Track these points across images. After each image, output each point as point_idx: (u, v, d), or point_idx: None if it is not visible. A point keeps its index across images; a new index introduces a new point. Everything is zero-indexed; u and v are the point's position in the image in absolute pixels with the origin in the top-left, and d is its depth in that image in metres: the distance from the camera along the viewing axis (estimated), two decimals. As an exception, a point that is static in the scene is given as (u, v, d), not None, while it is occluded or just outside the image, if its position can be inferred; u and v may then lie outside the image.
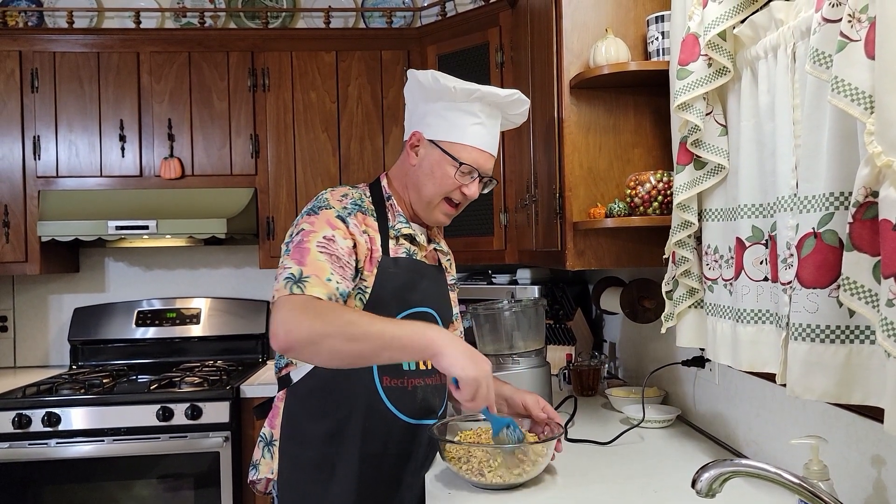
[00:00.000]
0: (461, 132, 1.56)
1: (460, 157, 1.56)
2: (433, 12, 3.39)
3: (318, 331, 1.31)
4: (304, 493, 1.54)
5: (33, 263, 3.03)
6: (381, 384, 1.56)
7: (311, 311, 1.34)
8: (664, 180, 1.72)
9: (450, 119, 1.57)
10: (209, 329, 3.31)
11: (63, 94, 3.05)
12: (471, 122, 1.57)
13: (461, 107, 1.56)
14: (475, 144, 1.57)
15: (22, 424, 2.57)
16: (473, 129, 1.57)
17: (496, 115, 1.62)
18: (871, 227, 0.92)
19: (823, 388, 1.07)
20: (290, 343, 1.32)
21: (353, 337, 1.31)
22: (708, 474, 1.02)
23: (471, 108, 1.57)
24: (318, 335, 1.31)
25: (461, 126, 1.56)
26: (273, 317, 1.36)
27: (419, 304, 1.61)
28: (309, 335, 1.31)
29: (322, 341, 1.32)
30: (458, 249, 2.86)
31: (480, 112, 1.57)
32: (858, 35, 0.93)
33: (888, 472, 1.16)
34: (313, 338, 1.31)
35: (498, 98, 1.58)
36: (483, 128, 1.58)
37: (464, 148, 1.56)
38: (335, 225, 1.49)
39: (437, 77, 1.55)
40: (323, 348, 1.33)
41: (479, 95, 1.56)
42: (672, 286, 1.63)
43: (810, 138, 1.09)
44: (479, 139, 1.57)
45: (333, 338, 1.31)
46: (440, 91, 1.56)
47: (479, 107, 1.57)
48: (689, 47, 1.44)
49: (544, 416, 1.59)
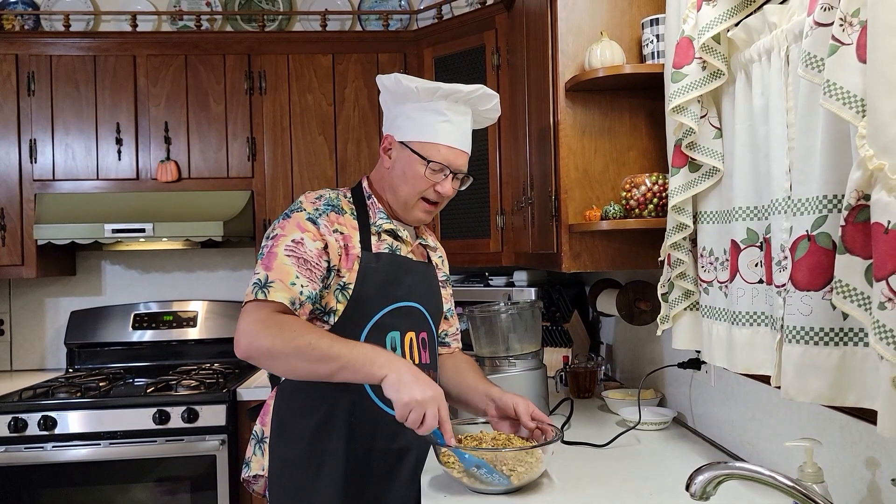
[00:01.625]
0: (429, 131, 1.59)
1: (429, 155, 1.58)
2: (430, 15, 3.39)
3: (277, 348, 1.39)
4: (294, 489, 1.55)
5: (30, 267, 3.03)
6: None
7: (272, 326, 1.40)
8: (659, 183, 1.72)
9: (417, 119, 1.60)
10: (206, 332, 3.31)
11: (59, 97, 3.05)
12: (438, 121, 1.59)
13: (427, 106, 1.59)
14: (444, 142, 1.59)
15: (18, 428, 2.57)
16: (441, 126, 1.59)
17: (465, 111, 1.63)
18: (864, 229, 0.93)
19: (817, 390, 1.07)
20: (250, 354, 1.41)
21: (309, 359, 1.38)
22: (702, 477, 1.02)
23: (436, 106, 1.59)
24: (277, 352, 1.39)
25: (428, 125, 1.59)
26: (238, 324, 1.43)
27: (404, 298, 1.62)
28: (269, 350, 1.39)
29: (280, 357, 1.40)
30: (454, 251, 2.87)
31: (447, 110, 1.60)
32: (850, 39, 0.93)
33: (882, 474, 1.16)
34: (272, 353, 1.39)
35: (462, 94, 1.60)
36: (451, 125, 1.60)
37: (433, 146, 1.59)
38: (304, 228, 1.52)
39: (399, 79, 1.59)
40: (280, 364, 1.42)
41: (442, 93, 1.59)
42: (668, 288, 1.64)
43: (804, 141, 1.09)
44: (447, 137, 1.60)
45: (290, 357, 1.39)
46: (405, 93, 1.60)
47: (445, 105, 1.60)
48: (684, 50, 1.44)
49: (533, 425, 1.58)
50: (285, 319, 1.42)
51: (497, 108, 1.71)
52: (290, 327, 1.41)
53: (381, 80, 1.64)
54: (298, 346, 1.38)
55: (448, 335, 1.87)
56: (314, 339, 1.40)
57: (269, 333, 1.39)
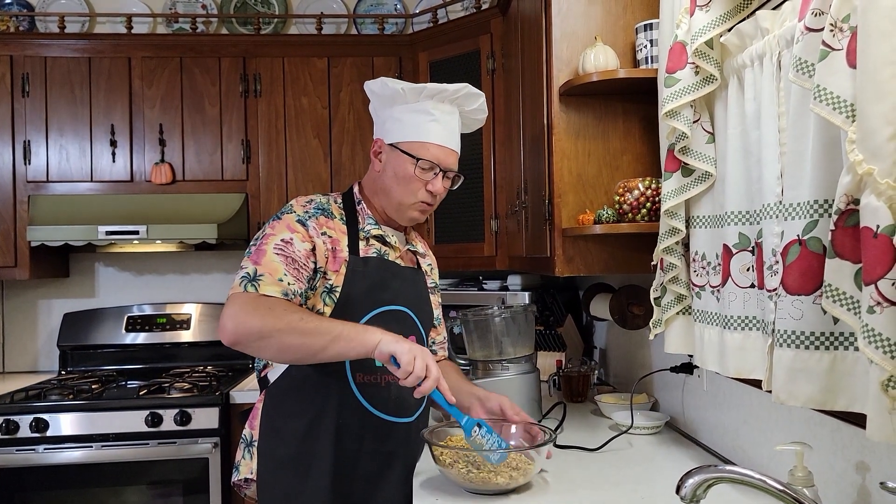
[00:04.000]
0: (417, 131, 1.61)
1: (419, 154, 1.60)
2: (425, 19, 3.40)
3: (269, 325, 1.38)
4: (282, 491, 1.55)
5: (23, 268, 3.02)
6: (354, 380, 1.58)
7: (262, 306, 1.40)
8: (652, 187, 1.73)
9: (405, 121, 1.62)
10: (199, 335, 3.29)
11: (54, 98, 3.04)
12: (426, 121, 1.61)
13: (414, 107, 1.62)
14: (432, 141, 1.61)
15: (10, 430, 2.56)
16: (428, 126, 1.61)
17: (451, 111, 1.65)
18: (853, 234, 0.93)
19: (808, 394, 1.07)
20: (238, 336, 1.39)
21: (303, 331, 1.38)
22: (692, 480, 1.02)
23: (423, 106, 1.61)
24: (269, 329, 1.38)
25: (416, 125, 1.61)
26: (224, 311, 1.42)
27: (391, 302, 1.63)
28: (260, 329, 1.38)
29: (272, 335, 1.38)
30: (448, 255, 2.88)
31: (434, 109, 1.62)
32: (840, 44, 0.94)
33: (872, 479, 1.17)
34: (263, 332, 1.38)
35: (448, 93, 1.62)
36: (438, 124, 1.62)
37: (421, 146, 1.60)
38: (294, 229, 1.54)
39: (385, 82, 1.61)
40: (272, 342, 1.39)
41: (427, 93, 1.61)
42: (660, 293, 1.64)
43: (795, 146, 1.09)
44: (435, 135, 1.61)
45: (283, 332, 1.38)
46: (392, 95, 1.62)
47: (432, 104, 1.62)
48: (677, 55, 1.45)
49: (519, 419, 1.60)
50: (275, 301, 1.43)
51: (484, 109, 1.72)
52: (280, 307, 1.42)
53: (369, 85, 1.67)
54: (290, 322, 1.38)
55: (436, 343, 1.87)
56: (305, 314, 1.42)
57: (258, 314, 1.39)
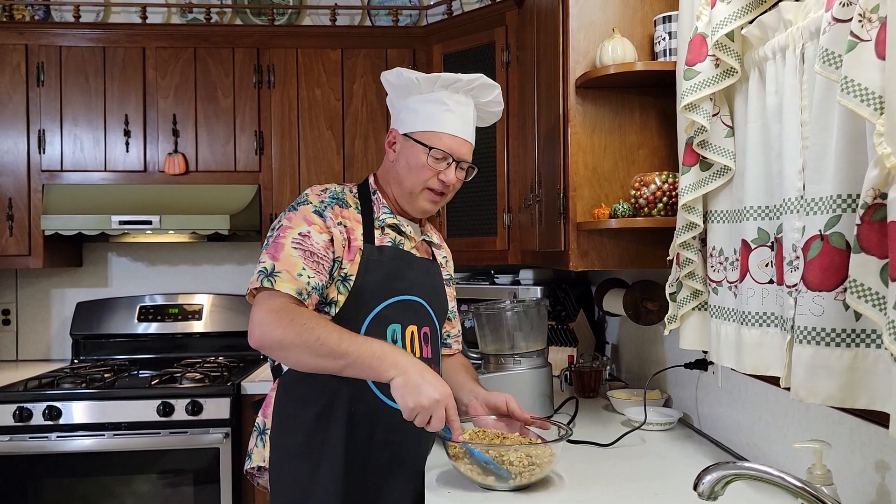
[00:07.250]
0: (431, 120, 1.61)
1: (431, 143, 1.60)
2: (439, 11, 3.38)
3: (288, 340, 1.41)
4: (293, 479, 1.55)
5: (36, 257, 3.03)
6: None
7: (285, 317, 1.42)
8: (669, 181, 1.71)
9: (419, 111, 1.62)
10: (211, 325, 3.31)
11: (68, 88, 3.05)
12: (440, 111, 1.61)
13: (428, 97, 1.62)
14: (446, 130, 1.61)
15: (23, 417, 2.57)
16: (442, 115, 1.61)
17: (466, 101, 1.65)
18: (880, 229, 0.91)
19: (828, 392, 1.06)
20: (263, 344, 1.44)
21: (319, 353, 1.41)
22: (710, 476, 1.01)
23: (438, 96, 1.62)
24: (287, 343, 1.41)
25: (430, 115, 1.61)
26: (251, 314, 1.46)
27: (405, 292, 1.62)
28: (280, 341, 1.42)
29: (290, 349, 1.42)
30: (461, 249, 2.86)
31: (448, 100, 1.62)
32: (869, 35, 0.92)
33: (892, 478, 1.15)
34: (283, 344, 1.42)
35: (462, 83, 1.62)
36: (452, 114, 1.62)
37: (434, 135, 1.60)
38: (311, 220, 1.54)
39: (400, 72, 1.62)
40: (290, 356, 1.44)
41: (442, 83, 1.61)
42: (676, 288, 1.63)
43: (818, 140, 1.08)
44: (449, 125, 1.61)
45: (300, 350, 1.41)
46: (407, 86, 1.63)
47: (446, 94, 1.62)
48: (697, 48, 1.43)
49: (527, 416, 1.60)
50: (298, 311, 1.44)
51: (499, 101, 1.71)
52: (301, 320, 1.42)
53: (385, 75, 1.67)
54: (307, 341, 1.39)
55: (450, 336, 1.87)
56: (323, 333, 1.41)
57: (281, 324, 1.41)
